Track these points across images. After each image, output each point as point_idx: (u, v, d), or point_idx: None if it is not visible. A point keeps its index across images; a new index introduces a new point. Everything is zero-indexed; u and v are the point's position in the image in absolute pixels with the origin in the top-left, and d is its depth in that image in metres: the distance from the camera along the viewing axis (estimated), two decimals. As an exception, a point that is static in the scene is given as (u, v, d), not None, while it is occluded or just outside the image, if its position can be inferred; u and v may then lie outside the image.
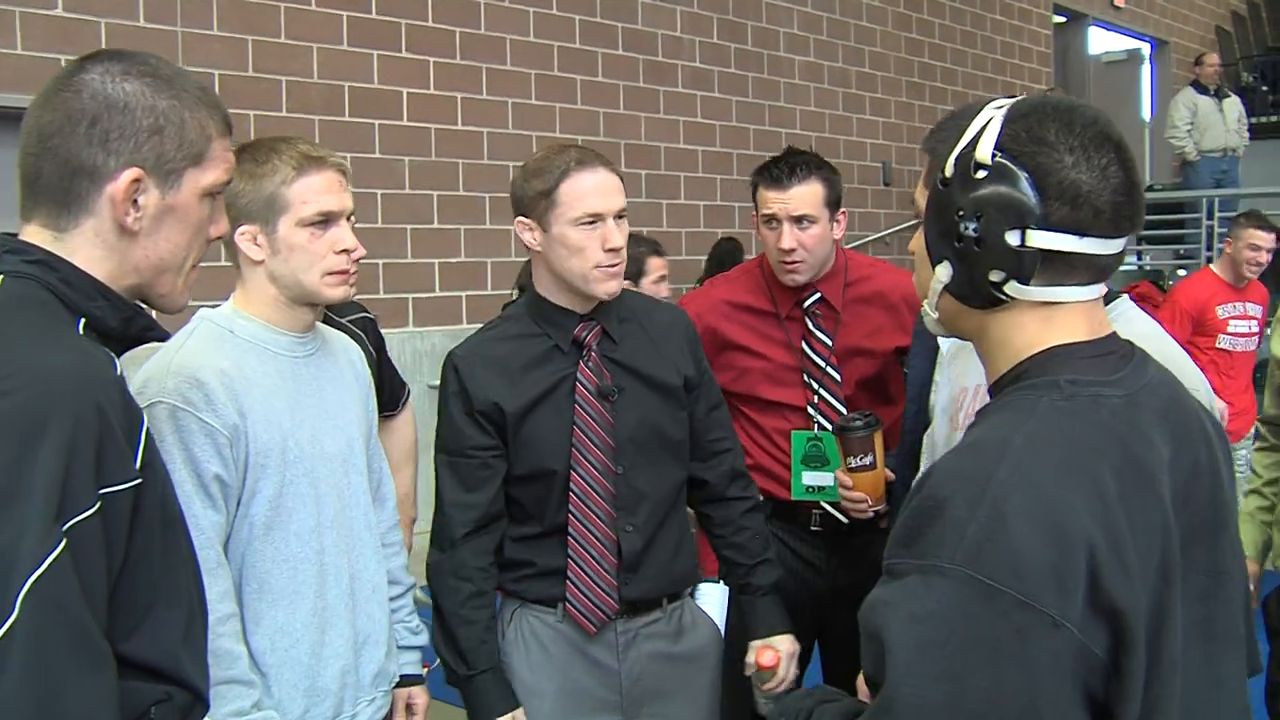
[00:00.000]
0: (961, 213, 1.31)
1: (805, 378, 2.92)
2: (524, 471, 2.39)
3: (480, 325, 2.53)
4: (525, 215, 2.38)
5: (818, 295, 2.95)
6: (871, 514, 2.77)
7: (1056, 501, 1.18)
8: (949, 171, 1.34)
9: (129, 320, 1.45)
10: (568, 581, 2.38)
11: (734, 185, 9.64)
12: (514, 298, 4.92)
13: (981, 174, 1.30)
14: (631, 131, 8.95)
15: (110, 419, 1.29)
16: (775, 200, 2.84)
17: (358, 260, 2.11)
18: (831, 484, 2.88)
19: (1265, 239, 5.93)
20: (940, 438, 2.31)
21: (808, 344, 2.94)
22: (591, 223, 2.32)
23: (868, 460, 2.66)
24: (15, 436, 1.21)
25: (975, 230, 1.30)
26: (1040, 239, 1.28)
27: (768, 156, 2.97)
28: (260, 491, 2.01)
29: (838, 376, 2.92)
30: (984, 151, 1.30)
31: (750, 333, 2.97)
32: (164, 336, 1.51)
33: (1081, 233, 1.28)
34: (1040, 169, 1.28)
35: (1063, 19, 14.16)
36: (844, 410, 2.89)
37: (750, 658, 2.55)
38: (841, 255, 3.00)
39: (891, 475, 2.72)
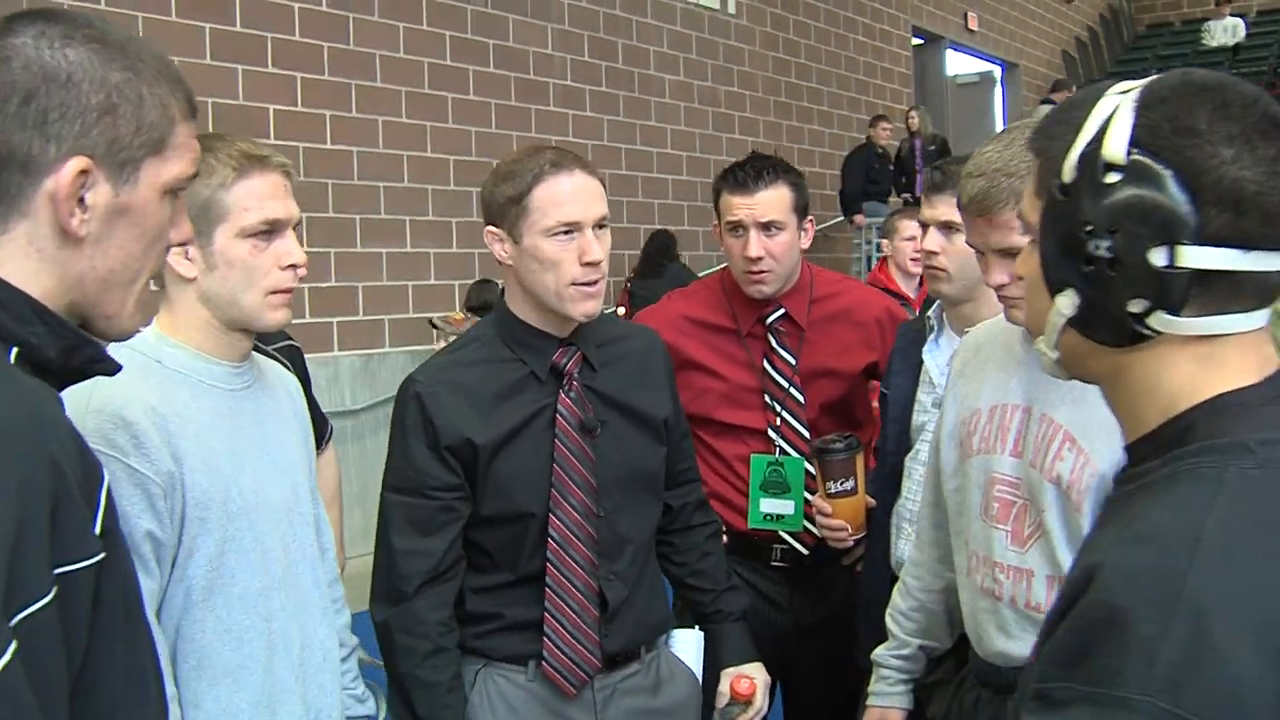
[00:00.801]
0: (1090, 228, 1.04)
1: (767, 399, 2.71)
2: (495, 514, 2.12)
3: (355, 353, 2.26)
4: (495, 224, 2.13)
5: (782, 311, 2.74)
6: (851, 543, 2.58)
7: (1277, 607, 0.91)
8: (1069, 176, 1.07)
9: (71, 350, 1.14)
10: (545, 638, 2.11)
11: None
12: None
13: (1114, 177, 1.03)
14: (503, 150, 8.64)
15: (67, 477, 1.00)
16: (741, 206, 2.63)
17: (301, 278, 1.83)
18: (791, 513, 2.68)
19: None
20: (948, 465, 2.12)
21: (770, 363, 2.73)
22: (567, 233, 2.07)
23: (849, 485, 2.47)
24: None
25: (1109, 249, 1.03)
26: (1195, 256, 1.01)
27: (640, 177, 2.77)
28: (199, 549, 1.69)
29: (801, 398, 2.71)
30: (1115, 148, 1.03)
31: (709, 350, 2.75)
32: (114, 370, 1.21)
33: (1248, 246, 1.01)
34: (1191, 166, 1.01)
35: (920, 41, 14.37)
36: (807, 434, 2.69)
37: (724, 686, 2.34)
38: (807, 270, 2.80)
39: (872, 501, 2.53)
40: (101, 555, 1.03)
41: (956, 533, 2.12)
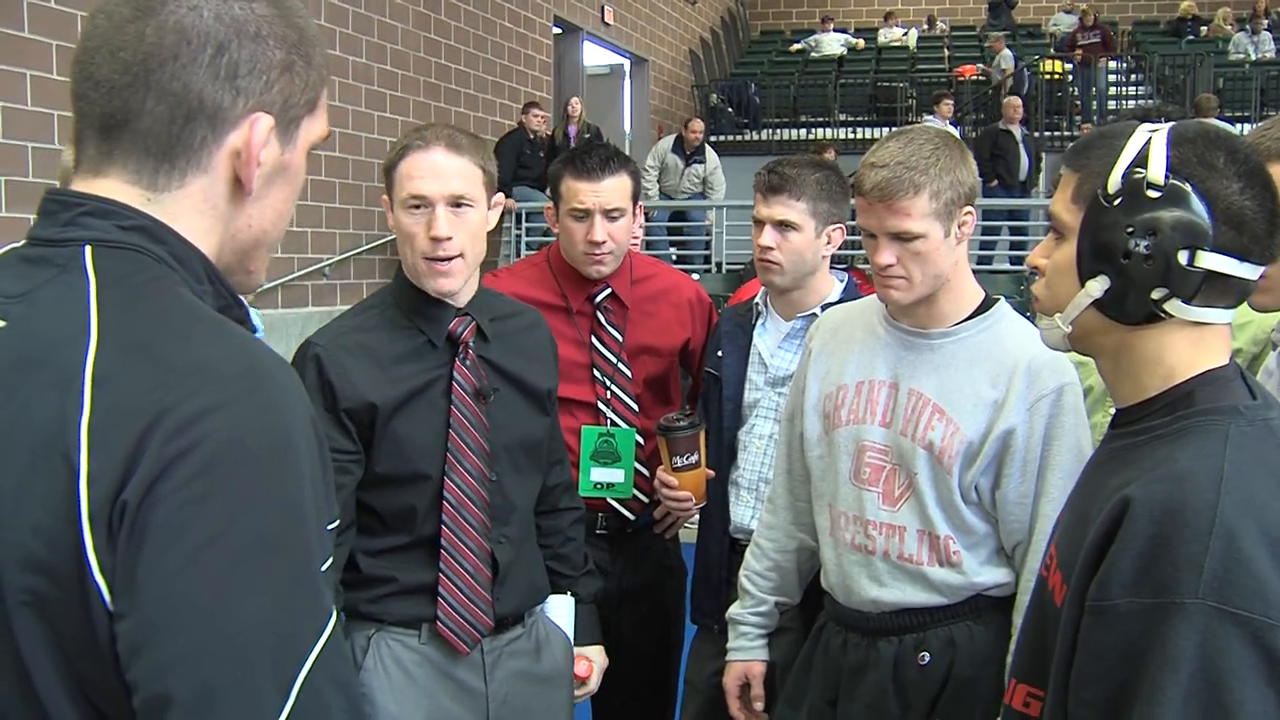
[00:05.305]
0: (1131, 230, 1.33)
1: (596, 374, 2.84)
2: (391, 476, 2.17)
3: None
4: (386, 191, 2.23)
5: (609, 290, 2.88)
6: (696, 512, 2.75)
7: (1278, 525, 1.21)
8: (1114, 188, 1.35)
9: (223, 310, 1.14)
10: (439, 599, 2.18)
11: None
12: None
13: (1154, 194, 1.33)
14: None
15: (322, 438, 1.03)
16: (588, 192, 2.75)
17: None
18: (622, 480, 2.83)
19: None
20: (812, 435, 2.32)
21: (598, 339, 2.86)
22: (418, 207, 2.16)
23: (693, 459, 2.64)
24: (260, 469, 0.95)
25: (1147, 247, 1.32)
26: (1209, 260, 1.32)
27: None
28: None
29: (629, 373, 2.87)
30: (1156, 172, 1.33)
31: None
32: (251, 331, 1.21)
33: (1242, 257, 1.33)
34: (1210, 193, 1.32)
35: (559, 30, 14.70)
36: (635, 406, 2.85)
37: None
38: (627, 252, 2.95)
39: (711, 473, 2.71)
40: (339, 522, 1.06)
41: (818, 496, 2.33)
